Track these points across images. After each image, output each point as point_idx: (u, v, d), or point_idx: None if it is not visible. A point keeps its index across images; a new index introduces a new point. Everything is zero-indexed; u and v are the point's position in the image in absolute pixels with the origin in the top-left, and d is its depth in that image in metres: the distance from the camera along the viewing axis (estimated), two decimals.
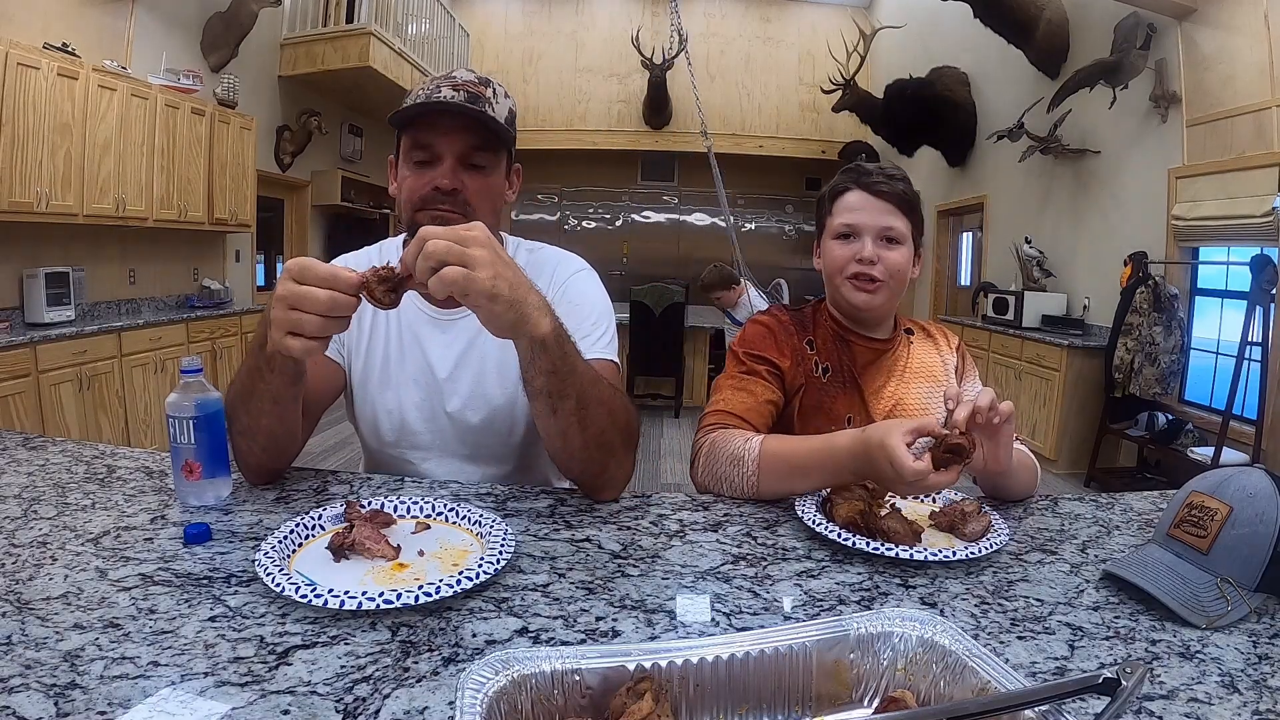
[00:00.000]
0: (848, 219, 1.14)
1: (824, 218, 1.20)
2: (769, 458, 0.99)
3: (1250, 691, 0.57)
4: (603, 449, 0.91)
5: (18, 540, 0.78)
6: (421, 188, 0.99)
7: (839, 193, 1.17)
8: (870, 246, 1.12)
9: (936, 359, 1.23)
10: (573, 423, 0.87)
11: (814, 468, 0.95)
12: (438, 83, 1.00)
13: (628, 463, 0.97)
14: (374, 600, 0.64)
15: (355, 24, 6.11)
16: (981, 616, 0.69)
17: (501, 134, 1.01)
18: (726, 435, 1.05)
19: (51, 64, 3.64)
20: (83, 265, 4.18)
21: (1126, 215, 4.66)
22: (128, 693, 0.53)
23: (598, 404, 0.88)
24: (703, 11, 9.04)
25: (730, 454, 1.01)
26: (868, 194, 1.14)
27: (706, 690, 0.52)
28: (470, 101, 0.98)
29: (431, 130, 0.99)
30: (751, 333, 1.19)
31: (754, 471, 0.99)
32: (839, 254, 1.15)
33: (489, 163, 1.02)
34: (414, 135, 1.00)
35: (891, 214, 1.13)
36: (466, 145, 0.99)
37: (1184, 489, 0.77)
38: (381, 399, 1.09)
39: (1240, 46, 3.73)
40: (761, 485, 0.99)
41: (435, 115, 0.98)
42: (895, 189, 1.14)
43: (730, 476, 1.01)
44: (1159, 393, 4.08)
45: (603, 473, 0.94)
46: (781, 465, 0.98)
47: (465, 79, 1.01)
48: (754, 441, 1.01)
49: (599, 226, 10.02)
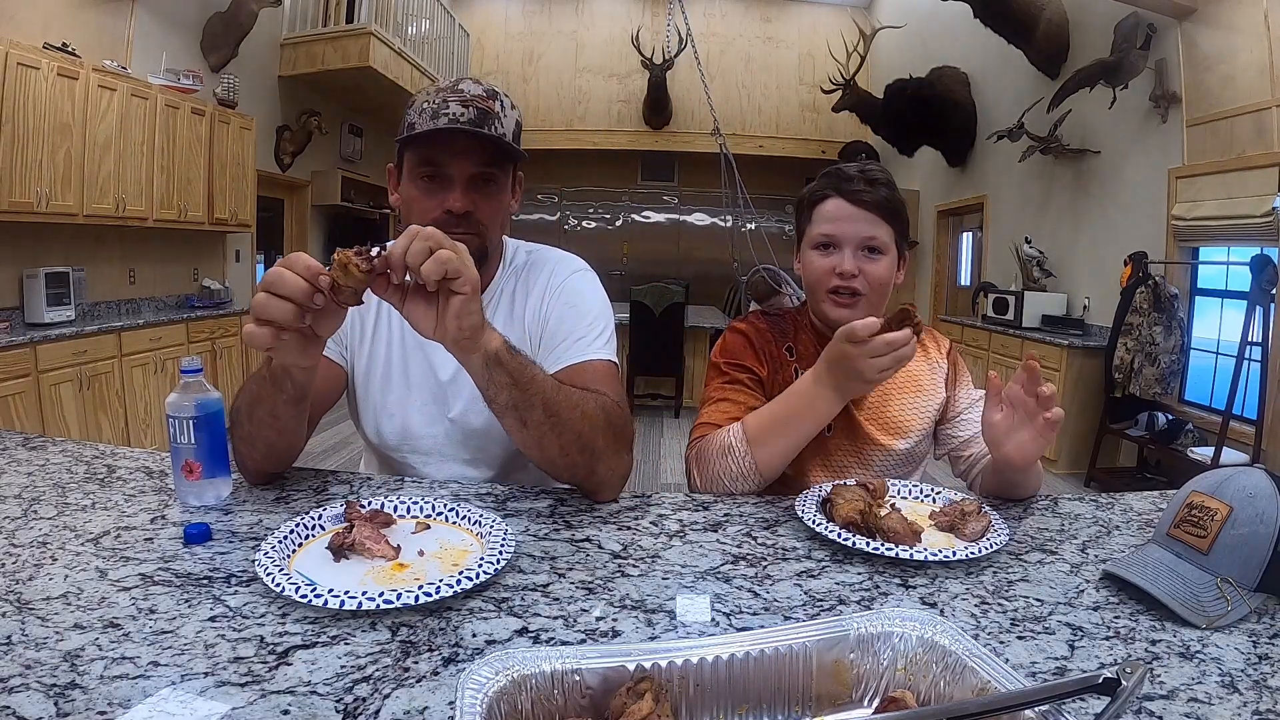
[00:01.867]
0: (826, 229, 1.09)
1: (803, 225, 1.15)
2: (753, 430, 1.01)
3: (1250, 691, 0.57)
4: (584, 452, 0.91)
5: (18, 540, 0.78)
6: (432, 210, 0.98)
7: (817, 200, 1.12)
8: (850, 259, 1.07)
9: (924, 366, 1.20)
10: (545, 431, 0.87)
11: (795, 411, 0.99)
12: (445, 96, 0.96)
13: (620, 462, 0.96)
14: (374, 600, 0.64)
15: (355, 24, 6.11)
16: (981, 616, 0.69)
17: (512, 153, 1.00)
18: (708, 438, 1.06)
19: (51, 64, 3.63)
20: (83, 265, 4.18)
21: (1126, 215, 4.66)
22: (128, 693, 0.53)
23: (568, 408, 0.88)
24: (703, 11, 9.04)
25: (718, 447, 1.03)
26: (848, 202, 1.08)
27: (706, 690, 0.52)
28: (480, 119, 0.96)
29: (441, 150, 0.97)
30: (731, 342, 1.18)
31: (745, 450, 1.00)
32: (818, 265, 1.10)
33: (498, 180, 1.01)
34: (423, 153, 0.99)
35: (873, 223, 1.08)
36: (477, 165, 0.98)
37: (1184, 489, 0.77)
38: (384, 403, 1.09)
39: (1240, 46, 3.73)
40: (758, 458, 1.00)
41: (446, 135, 0.96)
42: (878, 196, 1.08)
43: (727, 467, 1.01)
44: (1159, 393, 4.08)
45: (591, 475, 0.94)
46: (766, 428, 1.00)
47: (474, 93, 0.98)
48: (734, 428, 1.03)
49: (599, 226, 10.02)
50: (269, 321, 0.75)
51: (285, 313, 0.75)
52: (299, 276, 0.75)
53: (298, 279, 0.75)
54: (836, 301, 1.09)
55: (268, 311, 0.75)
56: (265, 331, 0.76)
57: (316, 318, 0.78)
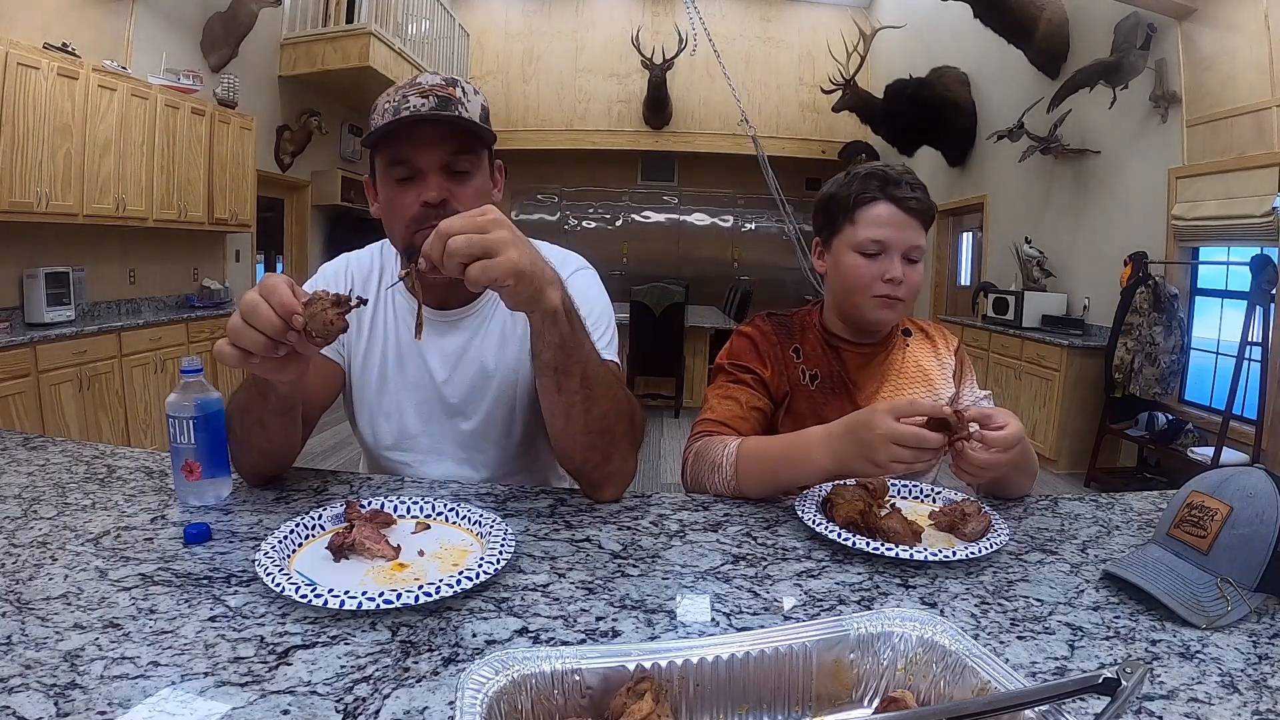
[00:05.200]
0: (877, 234, 1.08)
1: (842, 223, 1.12)
2: (745, 460, 1.00)
3: (1250, 691, 0.57)
4: (605, 435, 0.91)
5: (18, 540, 0.78)
6: (409, 206, 0.95)
7: (866, 201, 1.10)
8: (899, 266, 1.08)
9: (934, 362, 1.20)
10: (576, 401, 0.87)
11: (790, 456, 0.96)
12: (404, 92, 0.95)
13: (630, 460, 0.97)
14: (374, 600, 0.64)
15: (355, 24, 6.11)
16: (981, 616, 0.69)
17: (481, 134, 0.98)
18: (708, 443, 1.05)
19: (51, 64, 3.63)
20: (83, 265, 4.18)
21: (1126, 215, 4.66)
22: (128, 693, 0.53)
23: (602, 386, 0.89)
24: (703, 11, 9.03)
25: (710, 461, 1.02)
26: (898, 209, 1.08)
27: (706, 690, 0.52)
28: (442, 106, 0.93)
29: (408, 144, 0.95)
30: (736, 345, 1.19)
31: (732, 476, 1.00)
32: (866, 271, 1.09)
33: (472, 166, 0.98)
34: (390, 152, 0.96)
35: (918, 231, 1.09)
36: (447, 153, 0.95)
37: (1184, 489, 0.77)
38: (380, 403, 1.09)
39: (1240, 46, 3.73)
40: (741, 486, 1.00)
41: (409, 128, 0.93)
42: (924, 205, 1.10)
43: (713, 482, 1.02)
44: (1159, 393, 4.08)
45: (605, 463, 0.94)
46: (756, 461, 0.99)
47: (432, 83, 0.96)
48: (731, 445, 1.01)
49: (599, 226, 10.01)
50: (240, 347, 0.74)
51: (256, 343, 0.74)
52: (273, 312, 0.73)
53: (271, 315, 0.73)
54: (883, 304, 1.10)
55: (240, 339, 0.74)
56: (234, 352, 0.75)
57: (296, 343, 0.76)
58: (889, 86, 7.01)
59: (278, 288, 0.74)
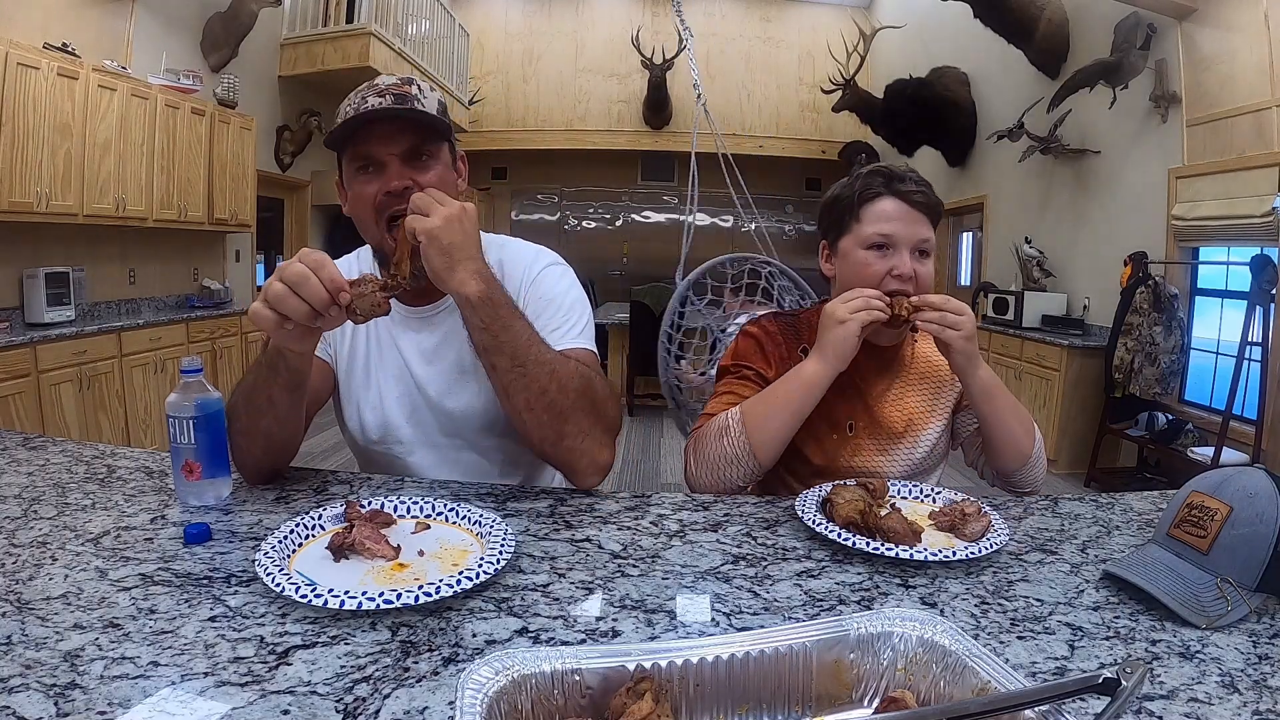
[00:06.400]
0: (884, 229, 1.08)
1: (848, 222, 1.12)
2: (749, 413, 1.03)
3: (1250, 691, 0.57)
4: (550, 411, 0.93)
5: (18, 540, 0.78)
6: (373, 196, 1.01)
7: (871, 198, 1.10)
8: (907, 261, 1.07)
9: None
10: (511, 380, 0.92)
11: (786, 383, 1.02)
12: (362, 94, 1.01)
13: (591, 439, 0.97)
14: (374, 600, 0.64)
15: (355, 24, 6.10)
16: (981, 616, 0.69)
17: (437, 125, 1.02)
18: (710, 420, 1.08)
19: (51, 64, 3.63)
20: (83, 265, 4.18)
21: (1126, 215, 4.65)
22: (128, 693, 0.53)
23: (537, 364, 0.92)
24: (703, 11, 9.03)
25: (716, 429, 1.04)
26: (904, 203, 1.08)
27: (706, 690, 0.52)
28: (399, 103, 0.99)
29: (368, 139, 1.00)
30: (741, 346, 1.19)
31: (740, 432, 1.02)
32: (875, 268, 1.08)
33: (431, 155, 1.03)
34: (353, 149, 1.02)
35: (925, 225, 1.09)
36: (405, 145, 1.00)
37: (1184, 489, 0.77)
38: (365, 396, 1.11)
39: (1240, 46, 3.73)
40: (752, 438, 1.01)
41: (369, 125, 0.99)
42: (930, 199, 1.10)
43: (722, 449, 1.03)
44: (1159, 393, 4.08)
45: (560, 440, 0.95)
46: (760, 408, 1.03)
47: (388, 83, 1.02)
48: (732, 410, 1.05)
49: (599, 226, 10.01)
50: (280, 312, 0.80)
51: (299, 312, 0.80)
52: (323, 286, 0.80)
53: (320, 289, 0.80)
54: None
55: (283, 305, 0.80)
56: (272, 316, 0.81)
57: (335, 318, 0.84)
58: (889, 86, 7.01)
59: (326, 263, 0.81)
